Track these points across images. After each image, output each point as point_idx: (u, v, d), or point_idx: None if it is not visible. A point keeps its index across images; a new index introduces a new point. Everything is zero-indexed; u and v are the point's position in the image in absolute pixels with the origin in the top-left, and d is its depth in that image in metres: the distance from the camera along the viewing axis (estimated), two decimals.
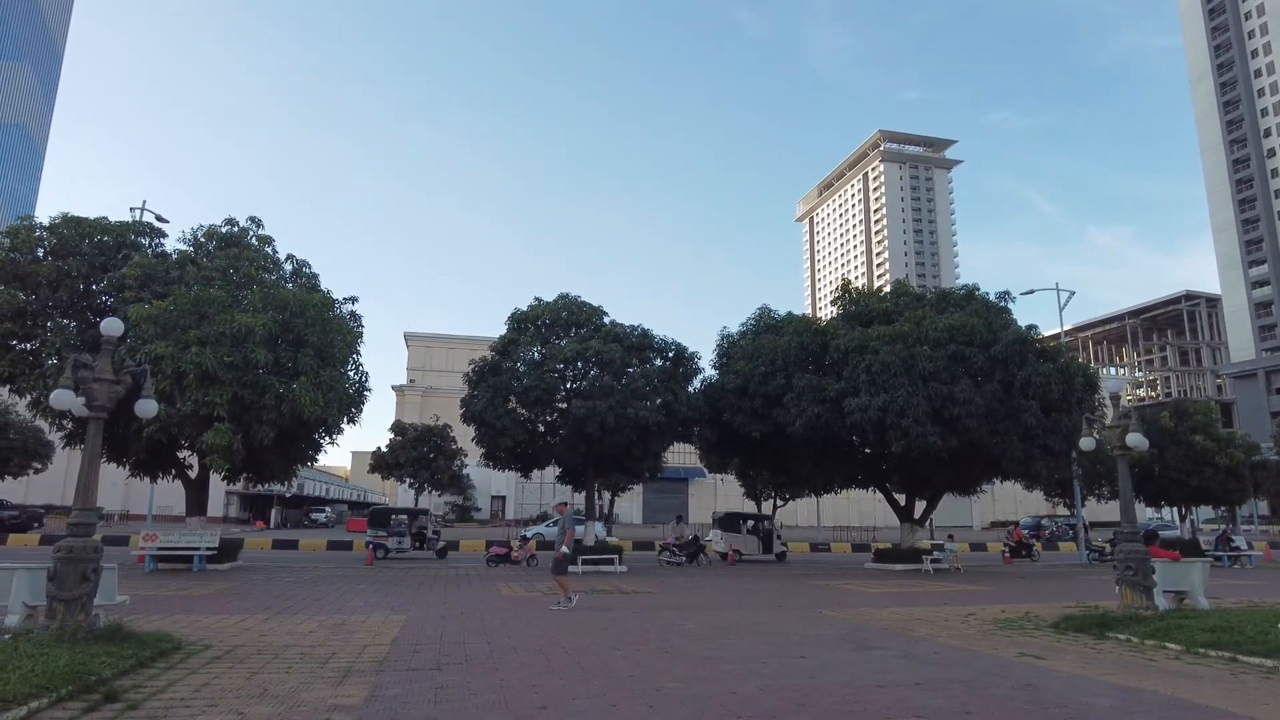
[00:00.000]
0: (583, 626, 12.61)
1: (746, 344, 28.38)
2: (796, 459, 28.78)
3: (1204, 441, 31.46)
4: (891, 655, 10.17)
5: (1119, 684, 8.44)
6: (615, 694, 7.73)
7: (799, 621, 13.56)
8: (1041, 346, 26.25)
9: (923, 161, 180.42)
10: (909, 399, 23.15)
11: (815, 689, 8.07)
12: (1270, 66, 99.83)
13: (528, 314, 27.55)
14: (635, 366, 26.35)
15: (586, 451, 25.89)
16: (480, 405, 25.65)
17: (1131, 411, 14.21)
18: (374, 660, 9.34)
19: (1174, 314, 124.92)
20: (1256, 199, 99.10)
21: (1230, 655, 9.88)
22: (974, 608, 15.70)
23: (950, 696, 7.74)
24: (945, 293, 29.74)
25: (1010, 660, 9.84)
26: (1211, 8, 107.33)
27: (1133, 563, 13.14)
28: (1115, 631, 11.78)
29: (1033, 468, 26.12)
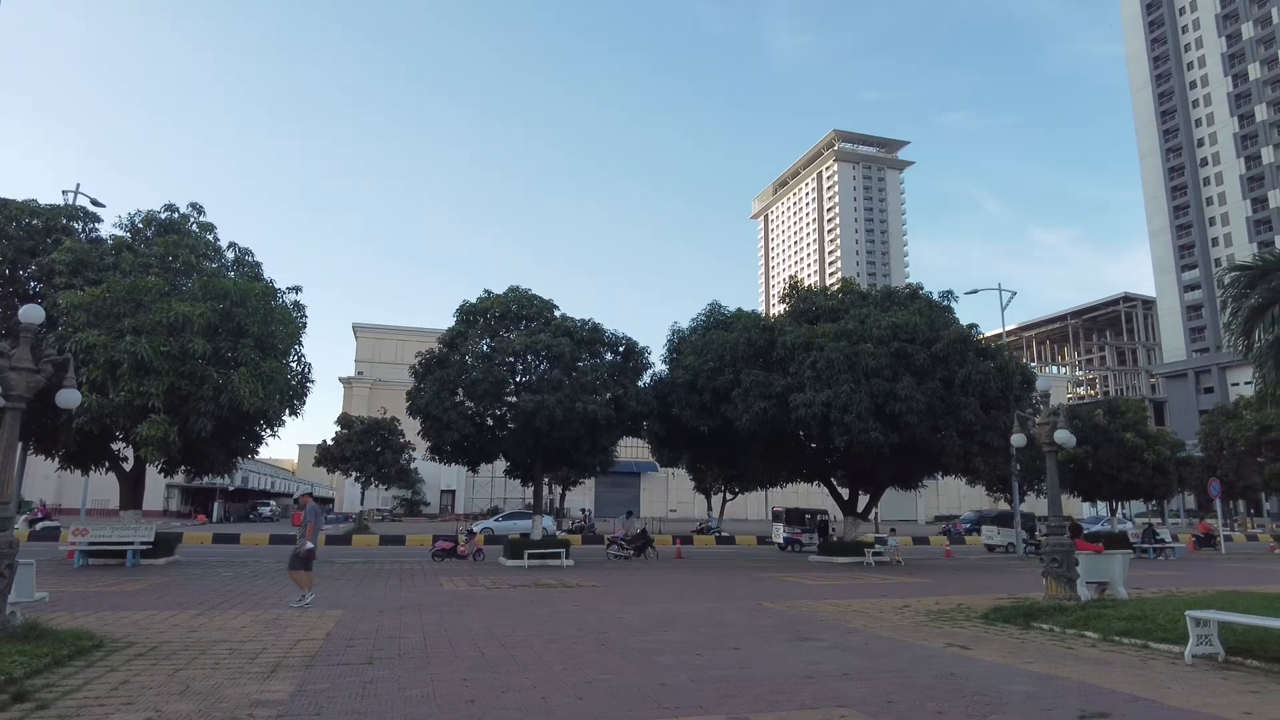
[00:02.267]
0: (522, 620, 12.61)
1: (696, 339, 28.57)
2: (744, 453, 29.10)
3: (1134, 438, 32.65)
4: (824, 646, 10.38)
5: (1037, 672, 8.74)
6: (546, 686, 7.75)
7: (738, 613, 13.74)
8: (982, 345, 26.94)
9: (876, 162, 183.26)
10: (852, 395, 23.56)
11: (745, 680, 8.20)
12: (1204, 79, 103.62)
13: (477, 306, 27.32)
14: (585, 360, 26.33)
15: (535, 445, 25.80)
16: (427, 398, 25.39)
17: (1060, 409, 14.69)
18: (305, 655, 9.22)
19: (1113, 315, 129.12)
20: (1190, 206, 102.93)
21: (1142, 643, 10.31)
22: (910, 599, 16.08)
23: (875, 686, 7.94)
24: (890, 291, 30.32)
25: (938, 650, 10.11)
26: (1152, 20, 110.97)
27: (1058, 555, 13.61)
28: (1040, 622, 12.19)
29: (972, 463, 26.81)
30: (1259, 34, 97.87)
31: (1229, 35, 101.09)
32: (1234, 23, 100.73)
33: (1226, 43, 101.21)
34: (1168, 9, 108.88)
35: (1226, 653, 9.44)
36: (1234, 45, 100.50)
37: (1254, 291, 15.79)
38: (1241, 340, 16.12)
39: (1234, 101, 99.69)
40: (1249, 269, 16.49)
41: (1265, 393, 16.89)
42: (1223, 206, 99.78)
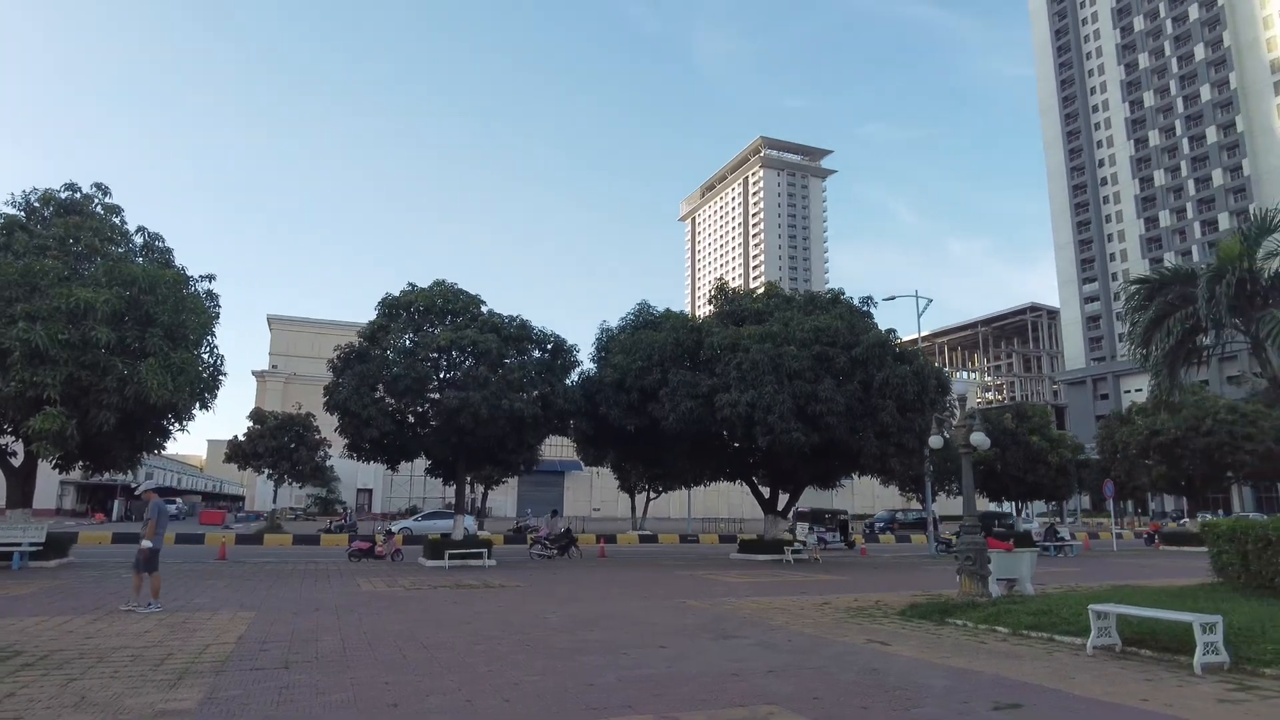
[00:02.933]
0: (444, 621, 12.35)
1: (625, 339, 28.58)
2: (670, 452, 29.27)
3: (1040, 442, 34.27)
4: (749, 644, 10.50)
5: (953, 666, 9.04)
6: (471, 689, 7.59)
7: (663, 612, 13.79)
8: (899, 349, 27.80)
9: (800, 170, 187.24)
10: (775, 396, 23.98)
11: (673, 678, 8.21)
12: (1105, 104, 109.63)
13: (400, 300, 26.65)
14: (513, 357, 26.00)
15: (459, 443, 25.34)
16: (345, 393, 24.63)
17: (976, 412, 15.26)
18: (216, 660, 8.80)
19: (1020, 324, 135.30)
20: (1091, 223, 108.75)
21: (1048, 636, 10.79)
22: (829, 597, 16.44)
23: (801, 683, 8.06)
24: (813, 295, 30.97)
25: (859, 646, 10.35)
26: (1060, 45, 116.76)
27: (972, 553, 14.13)
28: (954, 617, 12.62)
29: (888, 464, 27.63)
30: (1153, 64, 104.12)
31: (1127, 64, 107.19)
32: (1132, 53, 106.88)
33: (1125, 71, 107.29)
34: (1074, 36, 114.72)
35: (1123, 643, 9.97)
36: (1132, 74, 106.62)
37: (1152, 304, 16.76)
38: (1140, 349, 17.09)
39: (1131, 126, 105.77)
40: (1148, 283, 17.49)
41: (1159, 398, 17.94)
42: (1120, 224, 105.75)
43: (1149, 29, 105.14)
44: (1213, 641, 8.89)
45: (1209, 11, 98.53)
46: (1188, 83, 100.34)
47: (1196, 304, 15.38)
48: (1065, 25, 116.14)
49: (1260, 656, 8.89)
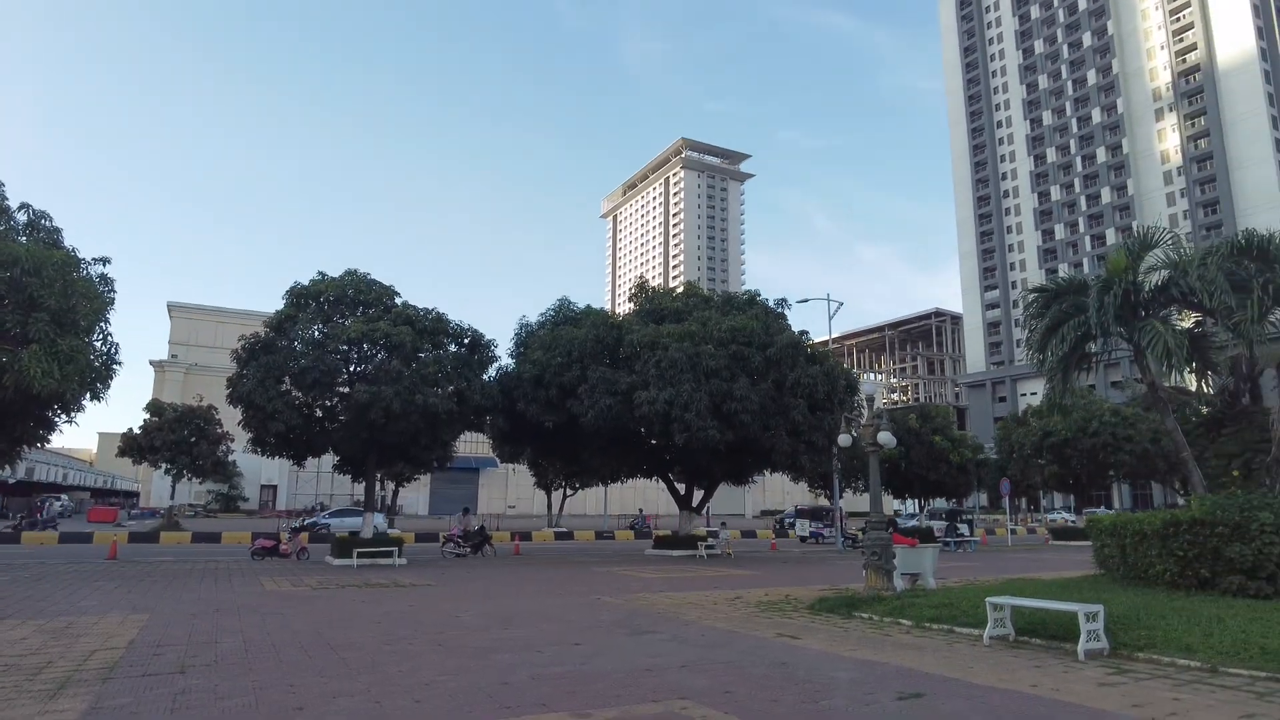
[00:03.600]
0: (353, 622, 12.00)
1: (545, 334, 28.40)
2: (588, 449, 29.23)
3: (942, 441, 35.75)
4: (662, 639, 10.59)
5: (859, 658, 9.34)
6: (380, 690, 7.41)
7: (578, 609, 13.77)
8: (811, 350, 28.54)
9: (720, 172, 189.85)
10: (693, 394, 24.27)
11: (587, 675, 8.21)
12: (1009, 120, 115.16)
13: (309, 289, 25.75)
14: (427, 351, 25.46)
15: (369, 439, 24.67)
16: (250, 386, 23.65)
17: (883, 412, 15.82)
18: (103, 667, 8.31)
19: (925, 328, 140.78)
20: (993, 233, 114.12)
21: (949, 628, 11.27)
22: (741, 591, 16.75)
23: (714, 677, 8.18)
24: (730, 296, 31.48)
25: (769, 640, 10.58)
26: (969, 62, 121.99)
27: (878, 549, 14.63)
28: (861, 611, 13.04)
29: (799, 461, 28.31)
30: (1051, 86, 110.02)
31: (1028, 84, 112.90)
32: (1033, 74, 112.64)
33: (1026, 90, 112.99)
34: (981, 54, 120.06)
35: (1016, 633, 10.50)
36: (1032, 93, 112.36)
37: (1048, 312, 17.71)
38: (1037, 355, 18.03)
39: (1030, 143, 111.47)
40: (1045, 292, 18.47)
41: (1053, 401, 18.95)
42: (1020, 235, 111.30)
43: (1048, 52, 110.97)
44: (1094, 629, 9.47)
45: (1100, 40, 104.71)
46: (1081, 105, 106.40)
47: (1088, 313, 16.34)
48: (974, 44, 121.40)
49: (1135, 642, 9.53)
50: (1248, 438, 15.44)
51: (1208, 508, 13.43)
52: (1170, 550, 13.69)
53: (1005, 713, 6.84)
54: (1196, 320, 18.19)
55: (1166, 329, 15.58)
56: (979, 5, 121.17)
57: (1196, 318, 18.00)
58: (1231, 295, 14.78)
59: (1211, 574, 13.19)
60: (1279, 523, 12.56)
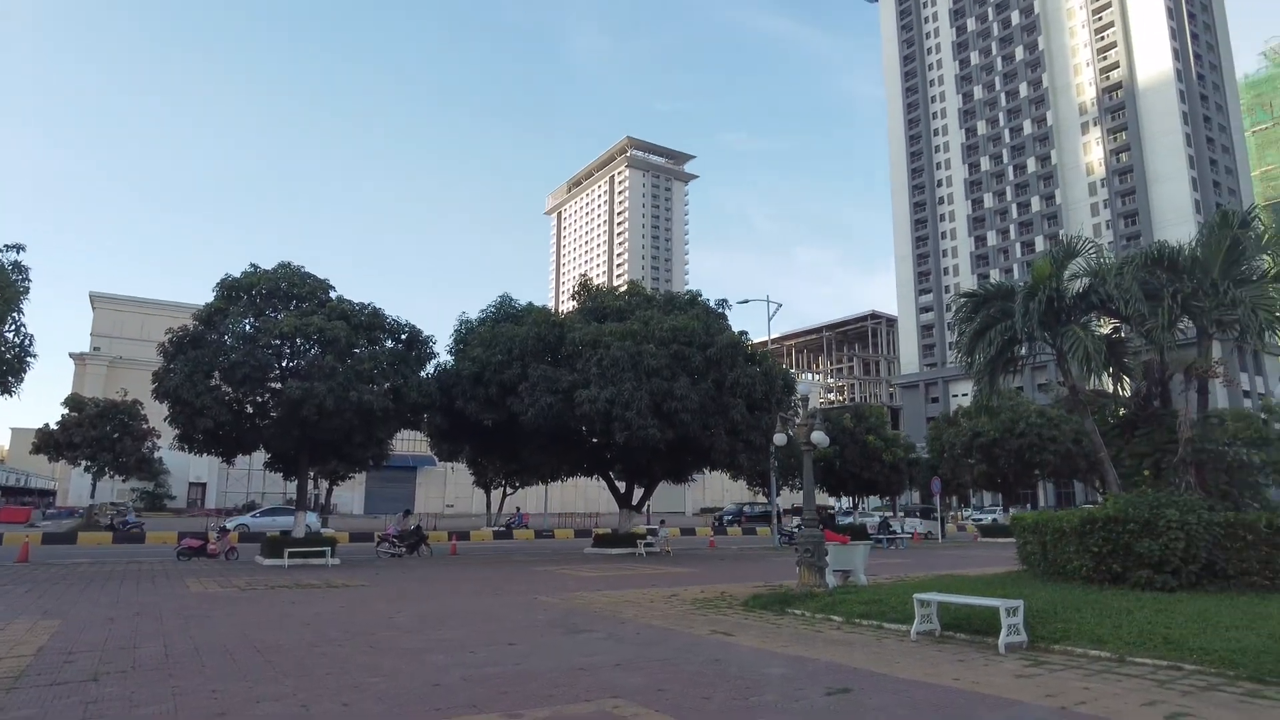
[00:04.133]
0: (282, 624, 11.72)
1: (485, 331, 28.13)
2: (528, 447, 29.06)
3: (875, 441, 36.60)
4: (598, 638, 10.62)
5: (791, 654, 9.51)
6: (308, 694, 7.26)
7: (514, 608, 13.70)
8: (751, 351, 28.92)
9: (664, 172, 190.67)
10: (634, 393, 24.35)
11: (521, 675, 8.19)
12: (945, 129, 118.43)
13: (241, 282, 25.00)
14: (363, 347, 24.98)
15: (301, 436, 24.09)
16: (177, 380, 22.85)
17: (817, 412, 16.15)
18: (6, 676, 7.94)
19: (862, 330, 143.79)
20: (928, 238, 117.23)
21: (878, 623, 11.57)
22: (678, 589, 16.88)
23: (648, 675, 8.24)
24: (672, 296, 31.66)
25: (704, 638, 10.70)
26: (907, 71, 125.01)
27: (810, 546, 14.92)
28: (793, 607, 13.29)
29: (737, 459, 28.69)
30: (985, 97, 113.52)
31: (964, 94, 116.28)
32: (968, 84, 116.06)
33: (962, 100, 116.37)
34: (920, 63, 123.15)
35: (942, 628, 10.84)
36: (968, 103, 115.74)
37: (977, 316, 18.31)
38: (967, 357, 18.63)
39: (965, 151, 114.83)
40: (974, 297, 19.09)
41: (981, 403, 19.57)
42: (954, 241, 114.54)
43: (983, 64, 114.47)
44: (1015, 624, 9.84)
45: (1032, 54, 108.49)
46: (1013, 116, 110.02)
47: (1014, 318, 16.97)
48: (913, 53, 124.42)
49: (1052, 635, 9.94)
50: (1158, 439, 16.22)
51: (1120, 506, 14.08)
52: (1086, 547, 14.31)
53: (927, 706, 7.06)
54: (1114, 326, 19.04)
55: (1086, 334, 16.29)
56: (918, 16, 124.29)
57: (1114, 324, 18.84)
58: (1145, 303, 15.52)
59: (1123, 569, 13.84)
60: (1184, 519, 13.24)
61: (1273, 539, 13.31)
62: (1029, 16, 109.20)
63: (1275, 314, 15.47)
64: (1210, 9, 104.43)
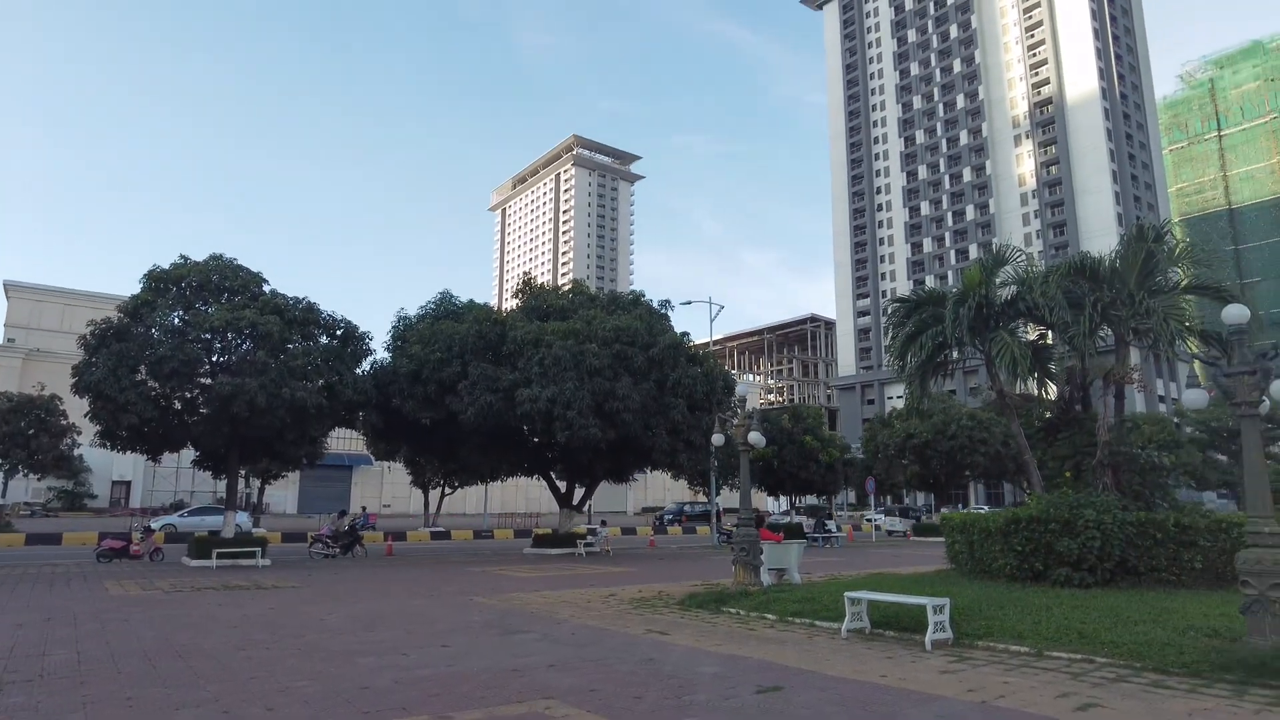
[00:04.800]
0: (206, 627, 11.37)
1: (425, 328, 27.70)
2: (467, 447, 28.73)
3: (812, 441, 37.23)
4: (533, 638, 10.58)
5: (724, 653, 9.63)
6: (231, 699, 7.07)
7: (449, 609, 13.55)
8: (692, 352, 29.13)
9: (611, 172, 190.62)
10: (576, 392, 24.29)
11: (453, 677, 8.11)
12: (885, 137, 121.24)
13: (170, 273, 24.11)
14: (297, 342, 24.33)
15: (232, 434, 23.36)
16: (100, 374, 21.92)
17: (755, 413, 16.36)
18: None
19: (801, 332, 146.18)
20: (867, 244, 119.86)
21: (810, 622, 11.79)
22: (616, 589, 16.91)
23: (581, 675, 8.25)
24: (616, 295, 31.67)
25: (639, 637, 10.75)
26: (850, 79, 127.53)
27: (746, 545, 15.12)
28: (729, 606, 13.45)
29: (678, 459, 28.86)
30: (924, 107, 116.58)
31: (904, 104, 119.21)
32: (908, 94, 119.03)
33: (902, 110, 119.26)
34: (861, 73, 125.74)
35: (872, 626, 11.11)
36: (907, 113, 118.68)
37: (909, 321, 18.79)
38: (898, 361, 19.10)
39: (904, 160, 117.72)
40: (906, 302, 19.59)
41: (911, 405, 20.06)
42: (891, 247, 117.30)
43: (922, 75, 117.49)
44: (941, 621, 10.15)
45: (969, 67, 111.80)
46: (950, 127, 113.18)
47: (945, 323, 17.46)
48: (855, 62, 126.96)
49: (976, 631, 10.29)
50: (1078, 442, 16.91)
51: (1042, 506, 14.64)
52: (1011, 546, 14.83)
53: (854, 703, 7.23)
54: (1040, 333, 19.75)
55: (1013, 340, 16.86)
56: (861, 26, 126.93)
57: (1040, 331, 19.55)
58: (1068, 311, 16.16)
59: (1044, 567, 14.39)
60: (1100, 519, 13.84)
61: (1179, 537, 14.01)
62: (966, 31, 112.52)
63: (1185, 323, 16.26)
64: (1133, 33, 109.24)
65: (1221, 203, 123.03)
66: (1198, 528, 14.08)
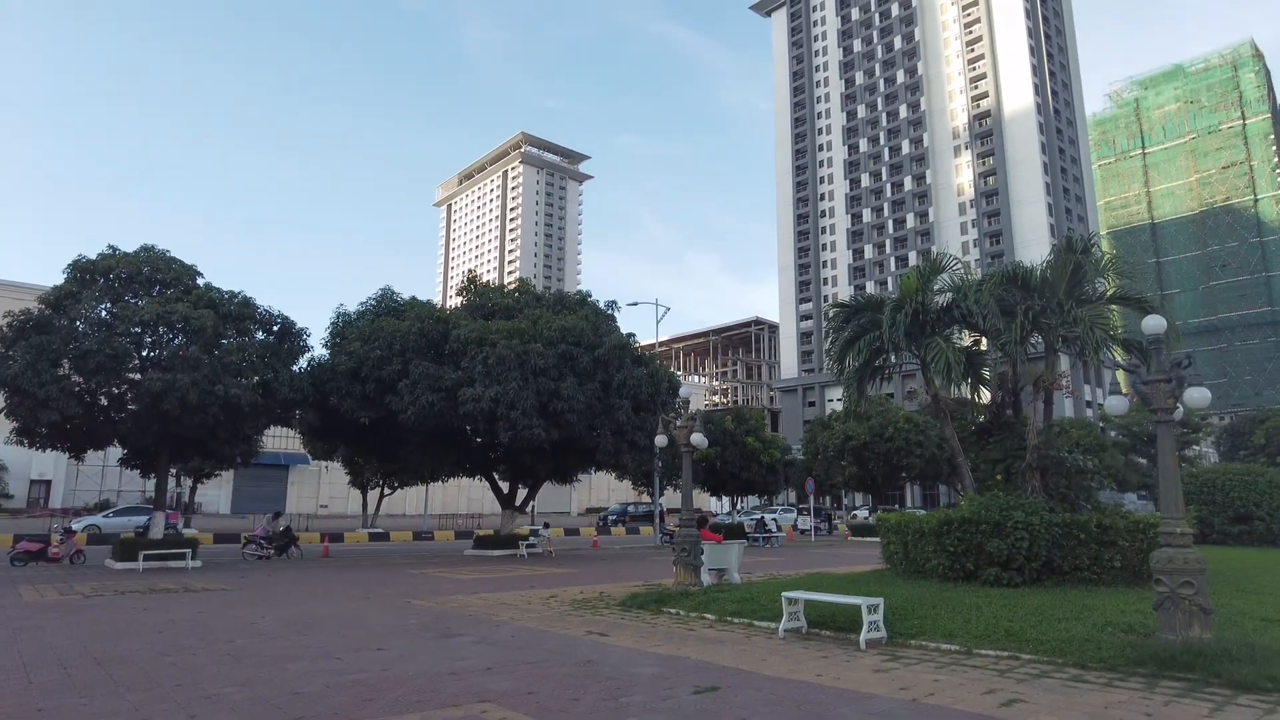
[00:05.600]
0: (129, 632, 10.96)
1: (365, 325, 27.18)
2: (407, 447, 28.29)
3: (754, 443, 37.69)
4: (471, 641, 10.47)
5: (663, 654, 9.67)
6: (153, 707, 6.83)
7: (385, 612, 13.32)
8: (638, 353, 29.20)
9: (559, 171, 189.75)
10: (520, 392, 24.12)
11: (387, 681, 7.98)
12: (829, 144, 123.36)
13: (97, 264, 23.21)
14: (231, 338, 23.68)
15: (162, 431, 22.57)
16: (18, 368, 20.96)
17: (698, 415, 16.49)
18: None
19: (746, 335, 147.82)
20: (810, 250, 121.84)
21: (748, 621, 11.93)
22: (557, 590, 16.85)
23: (518, 678, 8.19)
24: (562, 295, 31.56)
25: (579, 639, 10.73)
26: (796, 86, 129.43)
27: (686, 545, 15.22)
28: (669, 606, 13.51)
29: (622, 460, 28.87)
30: (868, 116, 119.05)
31: (848, 112, 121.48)
32: (852, 103, 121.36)
33: (846, 118, 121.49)
34: (808, 80, 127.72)
35: (809, 625, 11.29)
36: (851, 121, 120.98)
37: (848, 326, 19.16)
38: (837, 365, 19.46)
39: (847, 168, 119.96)
40: (846, 307, 19.96)
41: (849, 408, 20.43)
42: (833, 253, 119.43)
43: (867, 84, 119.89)
44: (875, 620, 10.37)
45: (911, 78, 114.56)
46: (893, 136, 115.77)
47: (883, 328, 17.85)
48: (802, 69, 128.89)
49: (909, 630, 10.54)
50: (1009, 445, 17.45)
51: (974, 508, 15.07)
52: (944, 546, 15.23)
53: (789, 703, 7.33)
54: (974, 339, 20.33)
55: (948, 346, 17.32)
56: (808, 35, 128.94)
57: (974, 337, 20.12)
58: (1000, 319, 16.67)
59: (975, 567, 14.82)
60: (1028, 521, 14.32)
61: (1101, 538, 14.59)
62: (910, 43, 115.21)
63: (1109, 332, 16.93)
64: (1066, 51, 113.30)
65: (1145, 217, 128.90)
66: (1118, 528, 14.69)
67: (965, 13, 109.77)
